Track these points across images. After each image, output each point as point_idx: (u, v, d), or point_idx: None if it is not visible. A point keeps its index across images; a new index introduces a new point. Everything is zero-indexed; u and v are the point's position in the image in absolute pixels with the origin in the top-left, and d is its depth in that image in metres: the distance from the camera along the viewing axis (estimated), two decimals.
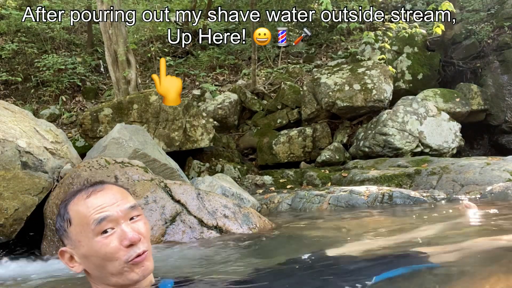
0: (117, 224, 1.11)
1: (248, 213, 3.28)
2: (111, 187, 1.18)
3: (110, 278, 1.12)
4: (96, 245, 1.09)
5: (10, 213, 2.91)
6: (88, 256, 1.12)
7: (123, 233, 1.10)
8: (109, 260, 1.10)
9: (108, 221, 1.10)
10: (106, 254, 1.09)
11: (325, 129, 7.11)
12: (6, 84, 9.05)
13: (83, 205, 1.13)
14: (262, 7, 9.60)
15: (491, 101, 7.38)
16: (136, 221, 1.15)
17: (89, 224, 1.10)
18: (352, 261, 1.57)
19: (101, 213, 1.10)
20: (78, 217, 1.12)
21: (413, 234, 2.22)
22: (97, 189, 1.16)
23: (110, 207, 1.12)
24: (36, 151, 3.16)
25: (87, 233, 1.10)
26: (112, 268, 1.10)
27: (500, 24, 7.98)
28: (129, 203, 1.15)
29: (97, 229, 1.09)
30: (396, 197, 4.10)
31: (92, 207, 1.11)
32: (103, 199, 1.13)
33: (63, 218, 1.16)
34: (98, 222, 1.09)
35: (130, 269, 1.11)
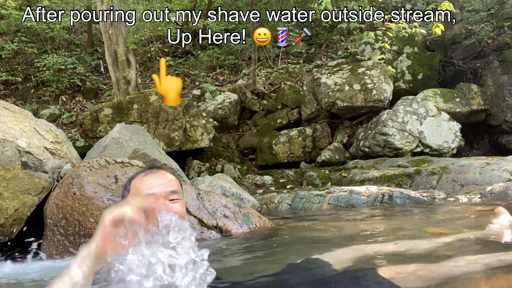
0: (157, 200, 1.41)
1: (248, 213, 3.28)
2: (163, 173, 1.52)
3: None
4: None
5: (10, 213, 2.91)
6: None
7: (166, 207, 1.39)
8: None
9: (152, 197, 1.41)
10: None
11: (325, 129, 7.11)
12: (6, 84, 9.05)
13: (139, 182, 1.48)
14: (262, 7, 9.60)
15: (491, 101, 7.38)
16: (174, 202, 1.45)
17: (139, 195, 1.43)
18: (328, 273, 1.54)
19: (149, 190, 1.43)
20: (134, 189, 1.48)
21: (399, 244, 2.14)
22: (153, 171, 1.51)
23: (157, 187, 1.44)
24: (36, 151, 3.16)
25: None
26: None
27: (500, 24, 7.98)
28: (171, 188, 1.47)
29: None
30: (396, 197, 4.10)
31: (144, 184, 1.46)
32: (154, 180, 1.47)
33: (126, 188, 1.53)
34: (145, 196, 1.41)
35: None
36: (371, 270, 1.43)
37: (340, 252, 1.90)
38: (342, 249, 2.02)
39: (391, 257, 1.71)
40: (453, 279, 1.32)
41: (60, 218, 2.92)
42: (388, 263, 1.57)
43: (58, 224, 2.91)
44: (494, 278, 1.31)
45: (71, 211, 2.90)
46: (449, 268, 1.40)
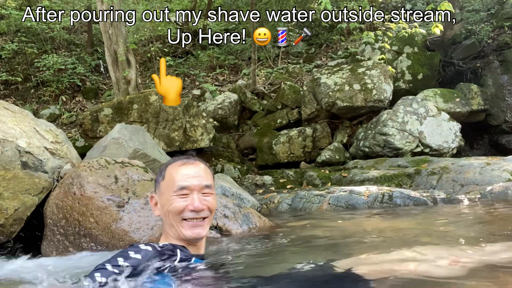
0: (191, 192, 1.49)
1: (248, 213, 3.28)
2: (199, 165, 1.56)
3: (171, 228, 1.51)
4: (171, 200, 1.49)
5: (10, 213, 2.91)
6: (164, 206, 1.52)
7: (192, 200, 1.48)
8: (174, 213, 1.48)
9: (186, 189, 1.49)
10: (174, 208, 1.48)
11: (325, 129, 7.11)
12: (6, 84, 9.05)
13: (175, 171, 1.53)
14: (262, 7, 9.60)
15: (491, 101, 7.37)
16: (207, 196, 1.51)
17: (173, 185, 1.50)
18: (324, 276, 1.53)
19: (184, 181, 1.49)
20: (169, 177, 1.53)
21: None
22: (189, 162, 1.55)
23: (192, 179, 1.50)
24: (36, 151, 3.16)
25: (170, 190, 1.50)
26: (175, 220, 1.49)
27: (500, 24, 7.98)
28: (206, 182, 1.51)
29: (177, 191, 1.49)
30: (396, 197, 4.09)
31: (180, 174, 1.51)
32: (189, 170, 1.52)
33: (161, 173, 1.57)
34: (179, 188, 1.49)
35: (185, 227, 1.48)
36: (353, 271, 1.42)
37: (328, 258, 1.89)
38: (330, 256, 2.00)
39: (390, 258, 1.70)
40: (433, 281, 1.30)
41: (60, 218, 2.92)
42: (383, 264, 1.56)
43: (58, 224, 2.91)
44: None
45: (71, 211, 2.90)
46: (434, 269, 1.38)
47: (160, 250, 1.43)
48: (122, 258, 1.35)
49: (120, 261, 1.34)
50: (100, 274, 1.31)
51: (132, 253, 1.38)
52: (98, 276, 1.30)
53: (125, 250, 1.41)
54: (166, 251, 1.44)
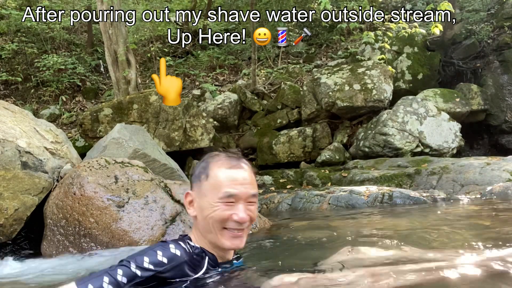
0: (237, 201, 1.37)
1: None
2: (248, 170, 1.43)
3: (208, 233, 1.39)
4: (216, 207, 1.36)
5: (10, 213, 2.91)
6: (204, 209, 1.39)
7: (238, 210, 1.36)
8: (216, 221, 1.36)
9: (233, 197, 1.37)
10: (217, 216, 1.36)
11: (325, 129, 7.11)
12: (6, 84, 9.05)
13: (223, 173, 1.39)
14: (262, 7, 9.60)
15: (491, 101, 7.38)
16: (252, 205, 1.41)
17: (220, 190, 1.36)
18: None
19: (232, 188, 1.36)
20: (215, 180, 1.38)
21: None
22: (238, 165, 1.42)
23: (240, 186, 1.38)
24: (36, 151, 3.16)
25: (214, 194, 1.37)
26: (215, 227, 1.37)
27: (500, 24, 7.98)
28: (253, 191, 1.41)
29: (224, 198, 1.36)
30: (396, 197, 4.09)
31: (228, 178, 1.38)
32: (238, 175, 1.39)
33: (204, 170, 1.42)
34: (227, 195, 1.36)
35: (225, 236, 1.38)
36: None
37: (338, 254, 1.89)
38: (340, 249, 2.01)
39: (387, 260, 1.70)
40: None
41: (60, 218, 2.92)
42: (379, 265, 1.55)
43: (58, 224, 2.91)
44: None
45: (71, 211, 2.90)
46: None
47: (189, 257, 1.33)
48: (148, 258, 1.26)
49: (145, 262, 1.25)
50: (123, 272, 1.23)
51: (160, 254, 1.29)
52: (120, 275, 1.22)
53: (153, 248, 1.32)
54: (195, 259, 1.35)
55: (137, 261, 1.25)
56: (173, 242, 1.36)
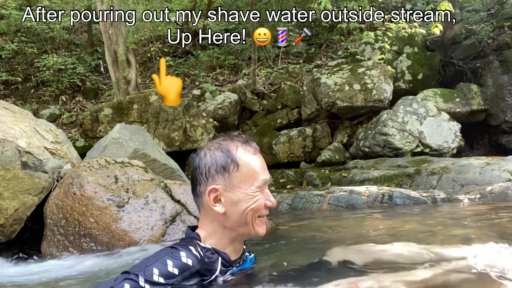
0: (265, 187, 1.33)
1: None
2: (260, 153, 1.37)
3: (242, 227, 1.31)
4: (255, 196, 1.29)
5: (10, 213, 2.91)
6: (241, 201, 1.29)
7: (269, 196, 1.32)
8: (256, 211, 1.30)
9: (267, 183, 1.33)
10: (259, 205, 1.29)
11: (325, 129, 7.11)
12: (6, 84, 9.05)
13: (253, 161, 1.31)
14: (262, 7, 9.60)
15: (491, 101, 7.38)
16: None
17: (256, 179, 1.29)
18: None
19: (266, 175, 1.32)
20: (248, 169, 1.29)
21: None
22: (257, 149, 1.35)
23: (267, 172, 1.34)
24: (36, 151, 3.16)
25: (250, 184, 1.28)
26: (253, 218, 1.30)
27: (500, 24, 7.98)
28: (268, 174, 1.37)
29: (262, 186, 1.30)
30: (396, 197, 4.09)
31: (259, 166, 1.31)
32: (262, 160, 1.34)
33: (231, 160, 1.29)
34: (264, 182, 1.31)
35: (259, 224, 1.33)
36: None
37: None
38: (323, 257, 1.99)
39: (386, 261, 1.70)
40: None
41: (60, 218, 2.92)
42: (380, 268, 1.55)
43: (58, 224, 2.91)
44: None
45: (71, 211, 2.90)
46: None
47: (201, 264, 1.23)
48: (158, 270, 1.15)
49: (155, 275, 1.14)
50: (130, 286, 1.12)
51: (170, 265, 1.18)
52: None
53: (162, 257, 1.20)
54: (207, 265, 1.25)
55: (145, 274, 1.14)
56: (184, 249, 1.24)
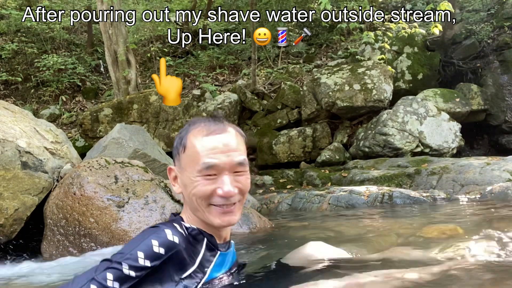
0: (220, 173, 1.18)
1: (248, 213, 3.28)
2: (230, 133, 1.23)
3: (196, 211, 1.23)
4: (195, 182, 1.18)
5: (10, 213, 2.91)
6: (186, 185, 1.22)
7: (222, 184, 1.17)
8: (200, 198, 1.19)
9: (214, 168, 1.17)
10: (199, 192, 1.19)
11: (325, 129, 7.11)
12: (6, 84, 9.05)
13: (199, 142, 1.19)
14: (262, 7, 9.60)
15: (491, 101, 7.38)
16: (240, 175, 1.21)
17: (197, 162, 1.18)
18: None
19: (211, 158, 1.17)
20: (192, 150, 1.20)
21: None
22: (217, 130, 1.21)
23: (221, 155, 1.17)
24: (36, 151, 3.16)
25: (193, 167, 1.19)
26: (199, 204, 1.20)
27: (500, 24, 7.98)
28: (238, 158, 1.19)
29: (202, 171, 1.17)
30: (396, 197, 4.10)
31: (206, 147, 1.18)
32: (218, 142, 1.19)
33: (180, 142, 1.24)
34: (205, 167, 1.17)
35: (213, 213, 1.20)
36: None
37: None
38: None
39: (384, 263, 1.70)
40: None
41: (60, 218, 2.92)
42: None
43: (58, 224, 2.91)
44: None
45: (71, 211, 2.90)
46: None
47: (186, 243, 1.16)
48: (143, 253, 1.07)
49: (140, 259, 1.06)
50: (113, 276, 1.03)
51: (156, 244, 1.09)
52: (110, 280, 1.03)
53: (147, 237, 1.11)
54: (192, 244, 1.18)
55: (130, 259, 1.06)
56: (169, 227, 1.16)
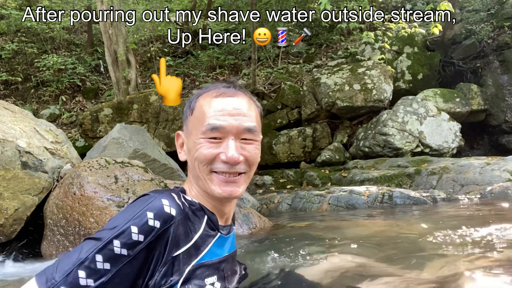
0: (226, 137, 1.08)
1: (248, 213, 3.28)
2: (242, 97, 1.13)
3: (198, 179, 1.13)
4: (199, 144, 1.09)
5: (10, 213, 2.91)
6: (190, 150, 1.13)
7: (225, 148, 1.08)
8: (201, 162, 1.09)
9: (219, 131, 1.08)
10: (201, 155, 1.09)
11: (325, 129, 7.11)
12: (6, 84, 9.05)
13: (208, 103, 1.11)
14: (262, 7, 9.59)
15: (491, 101, 7.37)
16: (247, 143, 1.10)
17: (203, 123, 1.09)
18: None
19: (217, 120, 1.08)
20: (199, 112, 1.12)
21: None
22: (228, 92, 1.12)
23: (229, 118, 1.08)
24: (36, 151, 3.16)
25: (198, 129, 1.10)
26: (201, 170, 1.10)
27: (500, 24, 7.98)
28: (248, 124, 1.10)
29: (207, 132, 1.08)
30: (396, 197, 4.09)
31: (214, 108, 1.09)
32: (227, 104, 1.10)
33: (189, 105, 1.17)
34: (210, 128, 1.08)
35: (214, 181, 1.10)
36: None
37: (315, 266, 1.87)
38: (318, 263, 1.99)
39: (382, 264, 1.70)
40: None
41: (60, 218, 2.92)
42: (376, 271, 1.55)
43: (58, 224, 2.91)
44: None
45: (71, 211, 2.90)
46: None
47: (183, 215, 1.04)
48: (137, 228, 0.94)
49: (134, 234, 0.93)
50: (103, 257, 0.91)
51: (151, 216, 0.96)
52: (100, 262, 0.91)
53: (142, 208, 0.98)
54: (190, 217, 1.06)
55: (122, 235, 0.93)
56: (165, 196, 1.03)
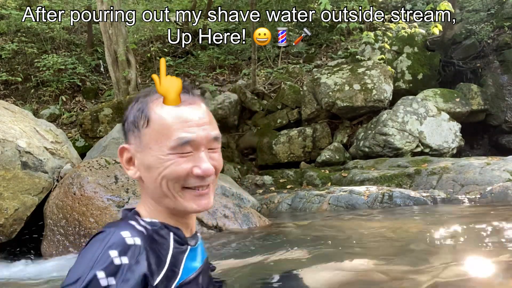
0: (196, 149, 0.99)
1: (248, 213, 3.29)
2: (200, 104, 1.04)
3: (164, 198, 1.01)
4: (168, 161, 0.98)
5: (10, 213, 2.91)
6: (152, 167, 1.00)
7: (199, 161, 0.99)
8: (172, 180, 0.98)
9: (190, 144, 0.98)
10: (173, 174, 0.98)
11: (325, 129, 7.11)
12: (6, 84, 9.05)
13: (169, 114, 1.00)
14: (262, 7, 9.60)
15: (491, 101, 7.37)
16: (214, 151, 1.03)
17: (169, 138, 0.97)
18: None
19: (187, 133, 0.98)
20: (160, 124, 0.99)
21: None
22: (188, 100, 1.02)
23: (197, 129, 0.99)
24: (36, 151, 3.16)
25: (162, 144, 0.98)
26: (171, 189, 0.99)
27: (500, 24, 7.98)
28: (214, 132, 1.03)
29: (177, 147, 0.98)
30: (396, 197, 4.09)
31: (179, 120, 0.99)
32: (192, 114, 1.00)
33: (141, 114, 1.01)
34: (181, 143, 0.97)
35: (188, 198, 1.00)
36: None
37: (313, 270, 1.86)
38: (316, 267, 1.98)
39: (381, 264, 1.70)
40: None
41: (60, 218, 2.92)
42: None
43: (58, 224, 2.91)
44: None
45: (71, 211, 2.90)
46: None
47: (149, 239, 0.95)
48: (104, 272, 0.84)
49: (102, 280, 0.84)
50: None
51: (115, 255, 0.87)
52: None
53: (101, 248, 0.88)
54: (157, 240, 0.97)
55: (90, 285, 0.83)
56: (123, 227, 0.94)
